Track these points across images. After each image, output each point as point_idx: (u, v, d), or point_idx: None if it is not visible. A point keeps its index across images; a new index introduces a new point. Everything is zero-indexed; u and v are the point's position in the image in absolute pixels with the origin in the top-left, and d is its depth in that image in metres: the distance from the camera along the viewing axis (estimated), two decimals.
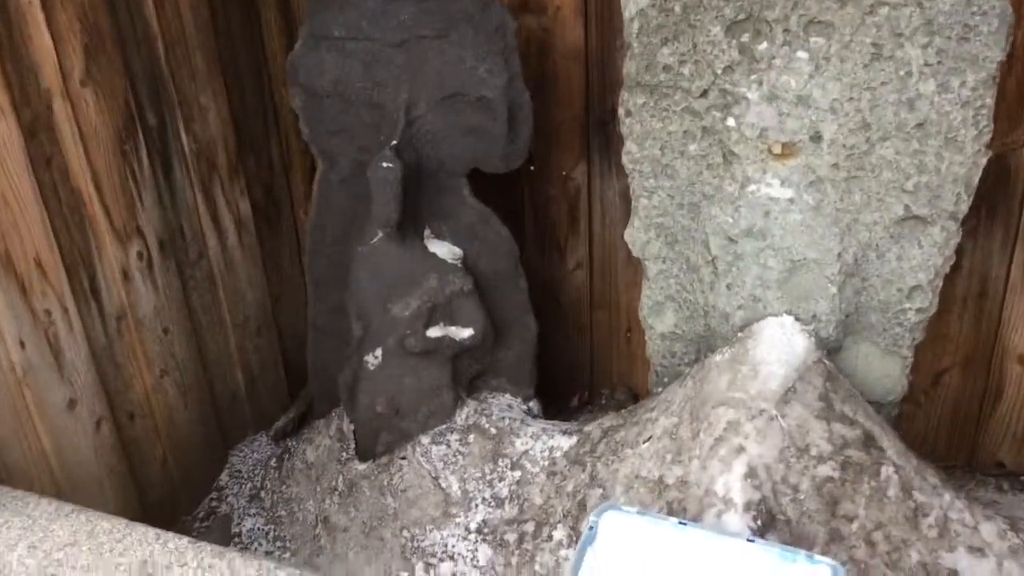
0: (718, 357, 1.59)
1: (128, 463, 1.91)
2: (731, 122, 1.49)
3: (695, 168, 1.55)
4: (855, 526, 1.43)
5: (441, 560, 1.81)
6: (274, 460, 2.16)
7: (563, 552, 1.63)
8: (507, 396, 2.04)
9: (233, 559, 1.40)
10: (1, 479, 1.59)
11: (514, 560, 1.71)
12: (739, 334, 1.60)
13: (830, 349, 1.59)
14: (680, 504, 1.47)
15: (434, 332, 1.88)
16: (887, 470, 1.47)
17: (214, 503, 2.14)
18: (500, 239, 1.90)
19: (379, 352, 1.92)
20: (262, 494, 2.11)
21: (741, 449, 1.45)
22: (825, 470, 1.45)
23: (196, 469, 2.13)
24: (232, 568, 1.38)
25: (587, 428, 1.79)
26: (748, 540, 1.32)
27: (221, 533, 2.06)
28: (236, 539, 2.04)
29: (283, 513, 2.05)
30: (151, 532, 1.44)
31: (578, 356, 2.37)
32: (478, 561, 1.76)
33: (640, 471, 1.58)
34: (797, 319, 1.57)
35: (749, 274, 1.57)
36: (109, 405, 1.84)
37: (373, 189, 1.73)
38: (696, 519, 1.43)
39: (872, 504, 1.45)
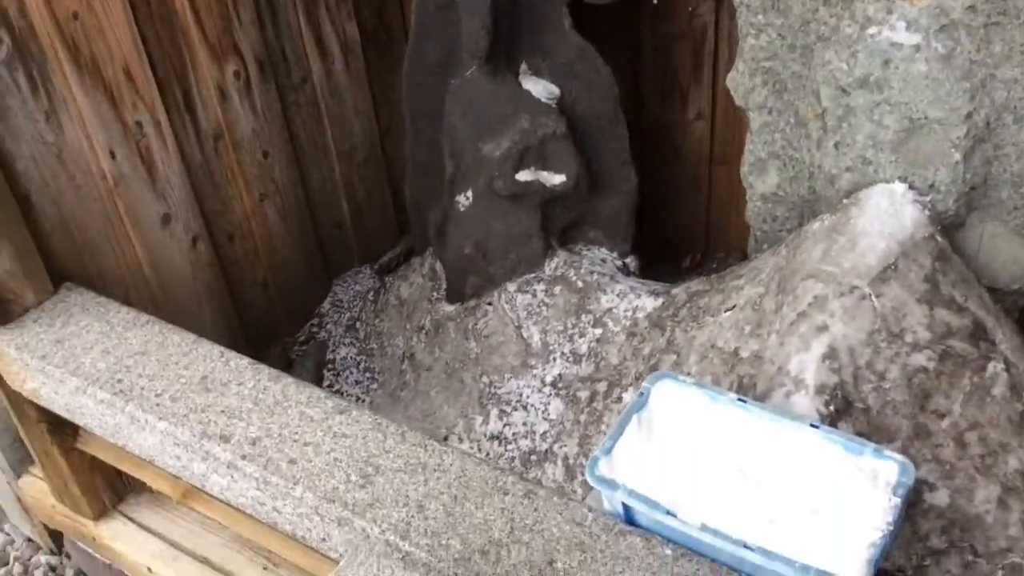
0: (816, 225, 1.42)
1: (226, 282, 1.96)
2: None
3: (810, 4, 1.34)
4: (946, 423, 1.27)
5: (515, 409, 1.78)
6: (371, 293, 2.18)
7: None
8: (602, 250, 1.93)
9: (288, 384, 1.41)
10: (95, 285, 1.66)
11: (582, 418, 1.65)
12: (844, 201, 1.41)
13: (947, 225, 1.38)
14: (751, 380, 1.36)
15: (524, 176, 1.78)
16: (995, 366, 1.29)
17: (314, 328, 2.19)
18: (600, 78, 1.75)
19: (470, 193, 1.85)
20: (357, 325, 2.14)
21: (824, 328, 1.30)
22: (919, 359, 1.28)
23: (298, 295, 2.17)
24: (285, 393, 1.39)
25: (674, 291, 1.68)
26: (811, 425, 1.20)
27: (316, 358, 2.11)
28: (329, 365, 2.09)
29: (374, 346, 2.08)
30: (216, 349, 1.47)
31: (693, 214, 2.22)
32: (549, 414, 1.72)
33: (717, 341, 1.47)
34: (911, 188, 1.36)
35: (861, 132, 1.36)
36: (206, 224, 1.88)
37: (462, 14, 1.61)
38: (763, 398, 1.31)
39: (971, 402, 1.28)
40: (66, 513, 1.77)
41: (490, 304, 1.89)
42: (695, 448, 1.20)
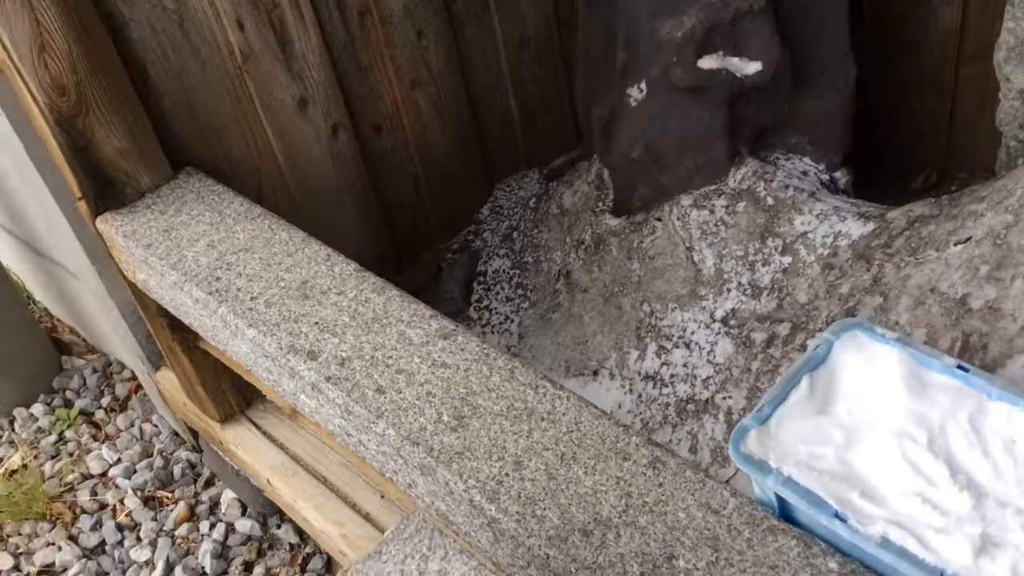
0: None
1: (372, 179, 1.78)
2: None
3: None
4: None
5: (676, 346, 1.49)
6: (533, 200, 1.93)
7: None
8: (805, 160, 1.57)
9: (392, 298, 1.20)
10: (223, 173, 1.53)
11: (754, 365, 1.34)
12: None
13: None
14: (980, 340, 1.00)
15: (708, 63, 1.45)
16: None
17: (470, 236, 1.98)
18: None
19: (643, 84, 1.55)
20: (514, 235, 1.90)
21: None
22: None
23: (453, 197, 1.96)
24: (387, 308, 1.19)
25: (891, 215, 1.31)
26: None
27: (467, 268, 1.91)
28: (480, 277, 1.88)
29: (529, 260, 1.84)
30: (323, 252, 1.29)
31: (931, 124, 1.78)
32: (714, 356, 1.42)
33: (939, 283, 1.11)
34: None
35: None
36: (349, 111, 1.69)
37: None
38: (994, 367, 0.95)
39: None
40: (196, 412, 1.69)
41: (659, 220, 1.59)
42: (886, 428, 0.88)
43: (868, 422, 0.89)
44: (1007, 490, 0.82)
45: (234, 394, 1.66)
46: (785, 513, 0.88)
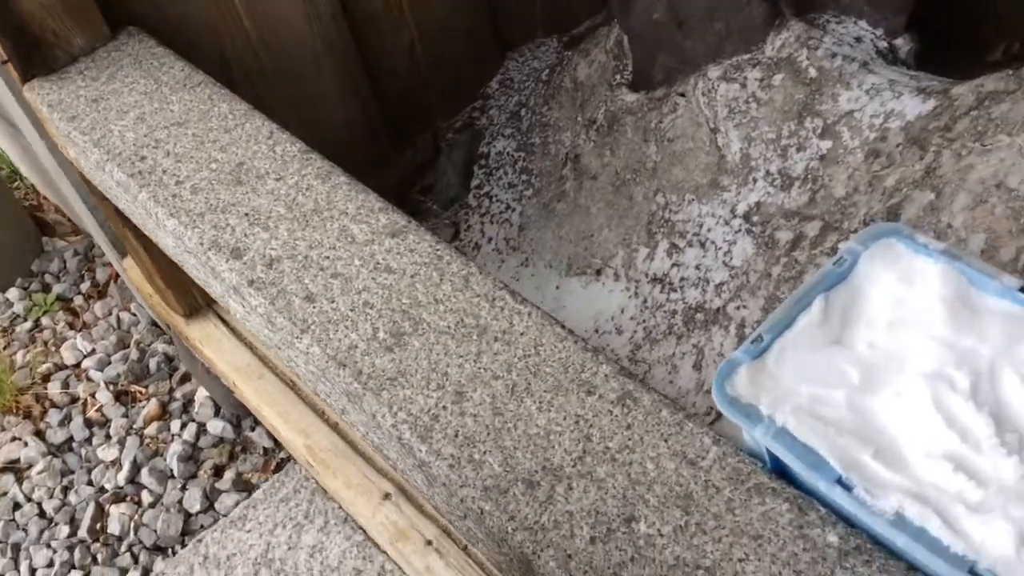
0: None
1: (356, 40, 1.56)
2: None
3: None
4: None
5: (689, 244, 1.28)
6: (546, 72, 1.70)
7: None
8: (860, 23, 1.31)
9: (338, 187, 1.02)
10: (176, 34, 1.33)
11: (775, 271, 1.13)
12: None
13: None
14: None
15: None
16: None
17: (475, 113, 1.76)
18: None
19: None
20: (522, 112, 1.68)
21: None
22: None
23: (457, 68, 1.74)
24: (331, 198, 1.01)
25: (956, 90, 1.06)
26: None
27: (468, 149, 1.70)
28: (482, 160, 1.68)
29: (536, 141, 1.62)
30: (267, 128, 1.10)
31: None
32: (732, 259, 1.21)
33: (1008, 176, 0.87)
34: None
35: None
36: None
37: None
38: None
39: None
40: (161, 305, 1.55)
41: (682, 95, 1.35)
42: (917, 367, 0.67)
43: (895, 359, 0.68)
44: None
45: (198, 286, 1.51)
46: (780, 468, 0.70)
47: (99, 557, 1.42)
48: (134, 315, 1.77)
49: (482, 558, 1.13)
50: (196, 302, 1.51)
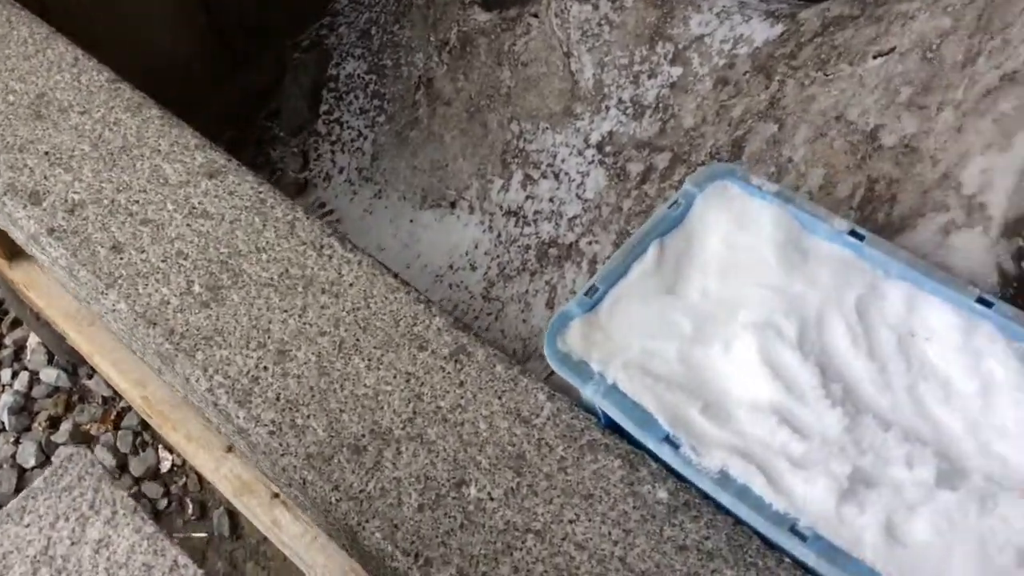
0: None
1: None
2: None
3: None
4: None
5: (544, 176, 1.24)
6: None
7: None
8: None
9: (149, 120, 0.92)
10: None
11: (626, 204, 1.10)
12: None
13: None
14: (888, 188, 0.77)
15: None
16: None
17: (323, 31, 1.65)
18: None
19: None
20: (373, 31, 1.58)
21: None
22: None
23: None
24: (141, 134, 0.91)
25: (803, 14, 1.03)
26: (979, 301, 0.62)
27: (316, 71, 1.60)
28: (331, 83, 1.58)
29: (388, 62, 1.53)
30: (72, 55, 0.99)
31: None
32: (585, 191, 1.18)
33: (848, 109, 0.86)
34: None
35: None
36: None
37: None
38: (900, 230, 0.73)
39: None
40: None
41: (535, 16, 1.29)
42: (747, 316, 0.66)
43: (727, 307, 0.66)
44: (894, 404, 0.61)
45: None
46: (614, 424, 0.67)
47: None
48: None
49: None
50: (16, 246, 1.39)
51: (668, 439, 0.61)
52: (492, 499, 0.66)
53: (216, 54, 1.54)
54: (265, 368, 0.74)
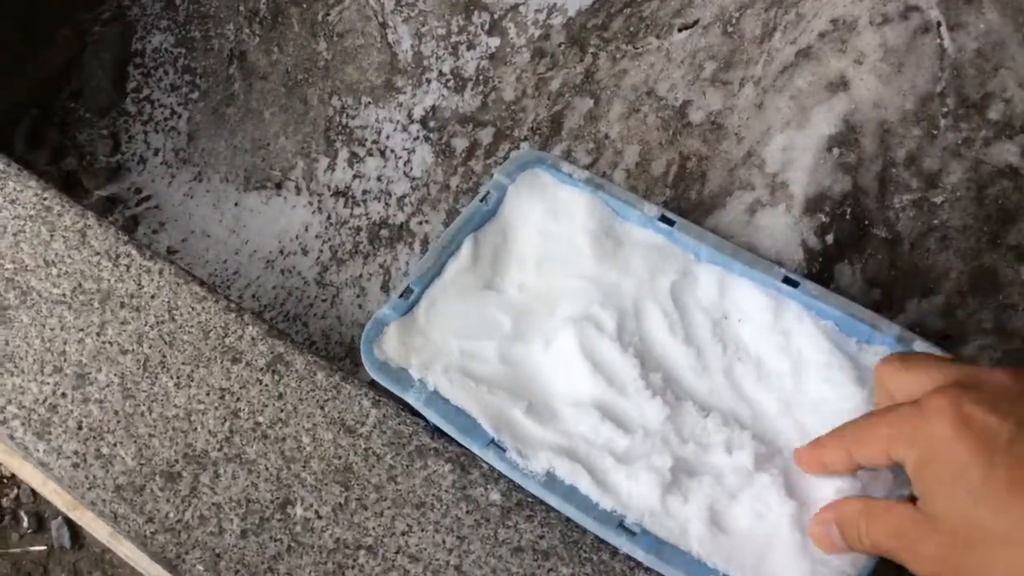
0: None
1: None
2: None
3: None
4: None
5: (369, 153, 1.20)
6: None
7: None
8: None
9: None
10: None
11: (453, 182, 1.08)
12: None
13: None
14: (698, 167, 0.78)
15: None
16: None
17: (125, 2, 1.54)
18: None
19: None
20: (178, 0, 1.48)
21: (841, 84, 0.70)
22: (1005, 152, 0.70)
23: None
24: None
25: None
26: (785, 280, 0.64)
27: (118, 47, 1.49)
28: (137, 58, 1.48)
29: (197, 34, 1.44)
30: None
31: None
32: (412, 168, 1.15)
33: (657, 84, 0.86)
34: None
35: None
36: None
37: None
38: (710, 206, 0.74)
39: None
40: None
41: None
42: (565, 309, 0.65)
43: (545, 301, 0.66)
44: (712, 389, 0.63)
45: None
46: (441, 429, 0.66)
47: None
48: None
49: None
50: None
51: (493, 443, 0.60)
52: (320, 517, 0.64)
53: (7, 40, 1.40)
54: (63, 395, 0.68)
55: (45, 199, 0.79)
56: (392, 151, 1.18)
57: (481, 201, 0.69)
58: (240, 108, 1.37)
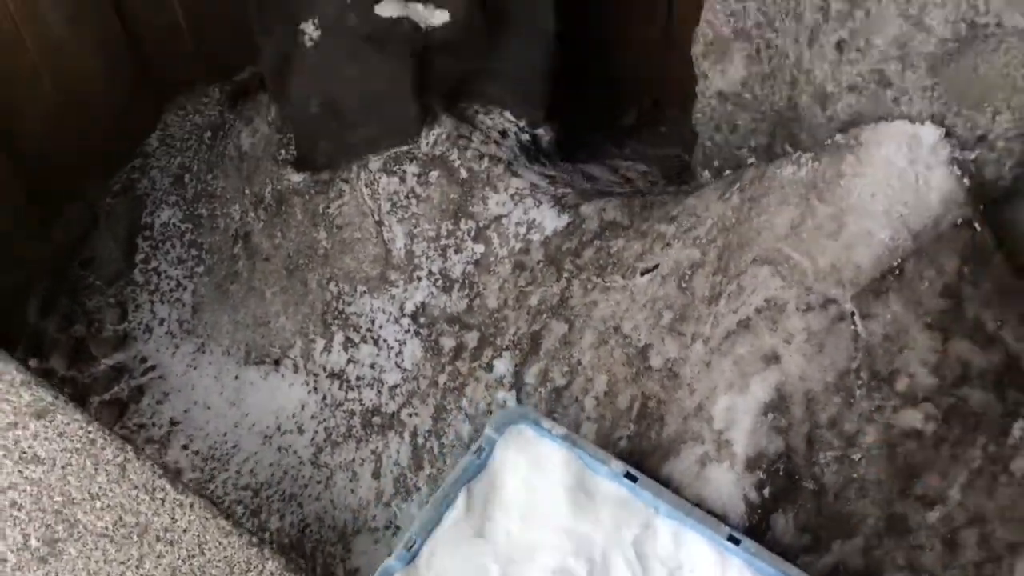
0: (789, 170, 0.91)
1: None
2: None
3: None
4: (936, 515, 0.84)
5: (364, 340, 1.33)
6: (209, 135, 1.64)
7: (501, 396, 1.11)
8: (506, 115, 1.40)
9: None
10: None
11: (442, 379, 1.21)
12: (838, 137, 0.89)
13: (996, 197, 0.88)
14: (657, 409, 0.90)
15: (388, 9, 1.22)
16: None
17: (135, 174, 1.67)
18: None
19: (317, 19, 1.29)
20: (186, 178, 1.62)
21: (773, 357, 0.83)
22: (911, 418, 0.84)
23: (108, 127, 1.63)
24: None
25: (584, 208, 1.18)
26: (729, 538, 0.77)
27: (130, 219, 1.61)
28: (146, 231, 1.60)
29: (204, 212, 1.58)
30: None
31: (647, 53, 1.65)
32: (403, 360, 1.27)
33: (623, 321, 1.00)
34: (949, 135, 0.85)
35: (884, 32, 0.82)
36: None
37: None
38: (666, 452, 0.86)
39: (978, 484, 0.85)
40: None
41: (346, 182, 1.38)
42: (544, 559, 0.77)
43: (527, 550, 0.78)
44: None
45: None
46: None
47: None
48: None
49: None
50: None
51: None
52: None
53: (21, 211, 1.53)
54: None
55: (90, 432, 0.90)
56: (384, 340, 1.31)
57: (474, 454, 0.81)
58: (243, 285, 1.49)
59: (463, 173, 1.29)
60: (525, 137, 1.38)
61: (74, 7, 1.48)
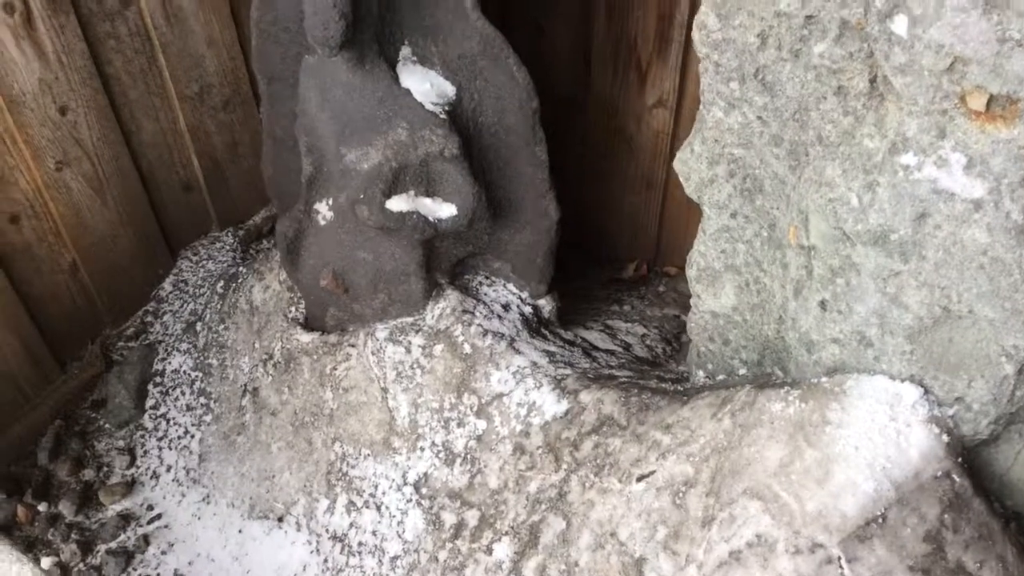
0: (778, 406, 0.96)
1: (11, 275, 1.48)
2: (898, 25, 0.73)
3: (815, 87, 0.82)
4: None
5: (366, 505, 1.37)
6: (221, 285, 1.70)
7: None
8: (508, 287, 1.46)
9: None
10: None
11: (442, 556, 1.25)
12: (823, 380, 0.95)
13: (973, 449, 0.93)
14: None
15: (398, 204, 1.28)
16: None
17: (148, 319, 1.73)
18: (513, 85, 1.22)
19: (331, 201, 1.35)
20: (198, 327, 1.67)
21: None
22: None
23: (125, 278, 1.69)
24: None
25: (583, 398, 1.23)
26: None
27: (142, 366, 1.66)
28: (157, 378, 1.65)
29: (214, 362, 1.63)
30: None
31: (644, 216, 1.73)
32: (404, 531, 1.31)
33: (619, 529, 1.04)
34: (927, 395, 0.90)
35: (864, 301, 0.88)
36: None
37: None
38: None
39: None
40: None
41: (353, 347, 1.43)
42: None
43: None
44: None
45: None
46: None
47: None
48: None
49: None
50: None
51: None
52: None
53: (41, 360, 1.58)
54: None
55: None
56: (387, 508, 1.35)
57: None
58: (250, 438, 1.54)
59: (467, 348, 1.35)
60: (527, 309, 1.44)
61: (105, 184, 1.56)
